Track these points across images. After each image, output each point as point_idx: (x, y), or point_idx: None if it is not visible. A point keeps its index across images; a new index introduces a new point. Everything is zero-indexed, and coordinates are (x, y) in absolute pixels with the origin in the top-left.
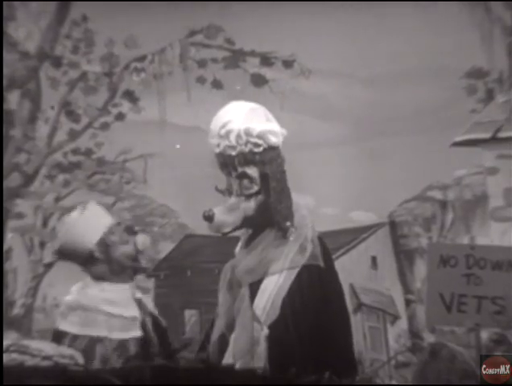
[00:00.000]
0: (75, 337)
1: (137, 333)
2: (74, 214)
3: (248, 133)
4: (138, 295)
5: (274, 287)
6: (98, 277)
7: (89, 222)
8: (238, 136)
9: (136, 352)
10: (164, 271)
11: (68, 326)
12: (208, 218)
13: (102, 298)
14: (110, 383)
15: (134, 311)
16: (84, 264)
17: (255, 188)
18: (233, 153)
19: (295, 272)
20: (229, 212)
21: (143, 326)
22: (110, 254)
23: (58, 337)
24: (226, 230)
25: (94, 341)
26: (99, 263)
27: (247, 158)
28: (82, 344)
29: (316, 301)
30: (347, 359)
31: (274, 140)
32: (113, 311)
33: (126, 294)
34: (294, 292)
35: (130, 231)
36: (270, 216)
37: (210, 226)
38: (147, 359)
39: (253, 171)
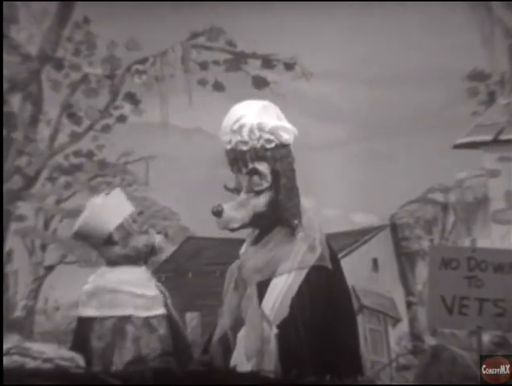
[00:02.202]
0: (102, 319)
1: (161, 311)
2: (99, 197)
3: (261, 128)
4: (155, 279)
5: (283, 286)
6: (113, 263)
7: (112, 206)
8: (251, 131)
9: (167, 328)
10: (165, 273)
11: (93, 311)
12: (217, 213)
13: (123, 280)
14: (111, 385)
15: (154, 291)
16: (99, 247)
17: (265, 185)
18: (245, 148)
19: (304, 272)
20: (238, 208)
21: (166, 306)
22: (128, 240)
23: (84, 324)
24: (234, 226)
25: (123, 320)
26: (115, 247)
27: (259, 154)
28: (111, 324)
29: (324, 302)
30: (354, 358)
31: (285, 137)
32: (136, 291)
33: (145, 275)
34: (303, 292)
35: (160, 231)
36: (279, 214)
37: (218, 221)
38: (178, 336)
39: (264, 167)
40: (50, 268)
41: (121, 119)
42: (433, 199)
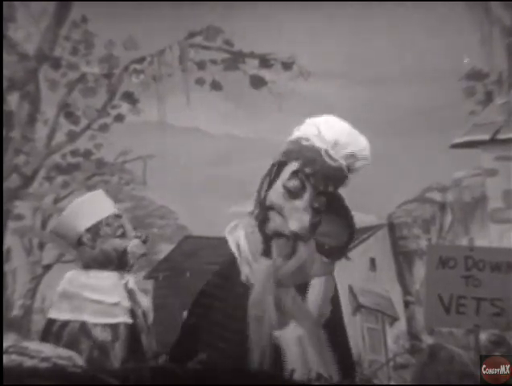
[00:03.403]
0: (63, 324)
1: (124, 319)
2: (79, 198)
3: (362, 164)
4: (131, 286)
5: (320, 288)
6: (86, 265)
7: (88, 207)
8: (360, 165)
9: (125, 338)
10: (163, 272)
11: (56, 313)
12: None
13: (86, 285)
14: (109, 384)
15: (118, 298)
16: (74, 248)
17: (324, 207)
18: (343, 174)
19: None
20: (302, 214)
21: (133, 315)
22: (97, 243)
23: (48, 325)
24: (304, 225)
25: (78, 325)
26: (86, 249)
27: (342, 182)
28: (70, 330)
29: (339, 301)
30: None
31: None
32: (94, 297)
33: (112, 281)
34: (337, 293)
35: (139, 236)
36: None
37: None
38: (137, 346)
39: (333, 191)
40: (47, 267)
41: (119, 118)
42: (431, 199)
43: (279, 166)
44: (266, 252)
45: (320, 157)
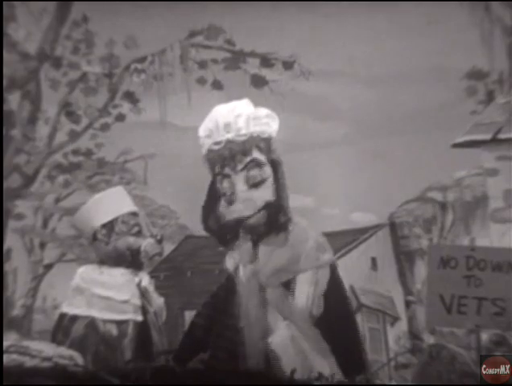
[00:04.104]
0: (73, 318)
1: (133, 316)
2: (100, 193)
3: (256, 116)
4: (145, 284)
5: (311, 284)
6: (101, 261)
7: (105, 203)
8: (248, 119)
9: (134, 335)
10: (164, 272)
11: (68, 307)
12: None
13: (97, 281)
14: (110, 384)
15: (127, 295)
16: (90, 243)
17: (265, 175)
18: (243, 138)
19: (327, 269)
20: (244, 202)
21: (144, 313)
22: (111, 239)
23: (59, 319)
24: (247, 213)
25: (90, 322)
26: (100, 244)
27: (256, 143)
28: (78, 325)
29: (344, 298)
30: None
31: (275, 127)
32: (104, 293)
33: (124, 278)
34: (332, 288)
35: (154, 235)
36: (280, 210)
37: (230, 210)
38: (146, 344)
39: (262, 157)
40: (49, 267)
41: (120, 118)
42: (432, 198)
43: (212, 189)
44: (253, 257)
45: (219, 145)
